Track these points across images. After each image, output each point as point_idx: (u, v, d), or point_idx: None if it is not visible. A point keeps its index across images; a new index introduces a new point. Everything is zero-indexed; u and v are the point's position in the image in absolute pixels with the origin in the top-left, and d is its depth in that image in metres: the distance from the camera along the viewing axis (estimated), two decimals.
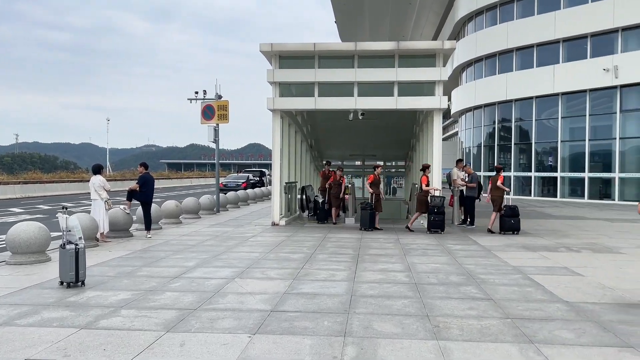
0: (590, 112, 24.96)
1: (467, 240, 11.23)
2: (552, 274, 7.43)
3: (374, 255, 9.13)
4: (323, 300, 5.91)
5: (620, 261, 8.58)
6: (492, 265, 8.19)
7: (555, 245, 10.45)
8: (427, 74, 13.63)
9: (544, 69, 26.61)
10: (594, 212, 19.04)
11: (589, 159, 25.10)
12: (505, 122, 29.81)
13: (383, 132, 20.50)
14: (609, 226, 14.05)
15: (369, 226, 12.88)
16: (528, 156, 28.45)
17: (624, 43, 23.56)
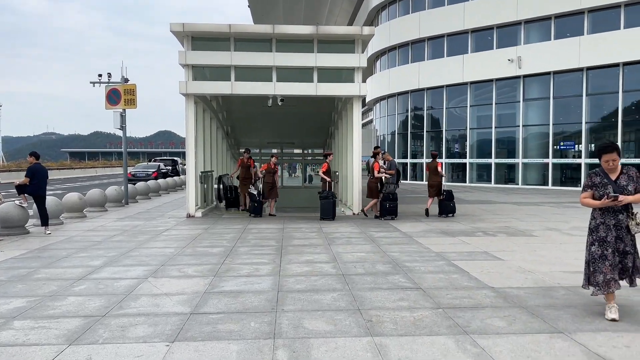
0: (497, 101, 26.26)
1: (389, 227, 11.25)
2: (474, 259, 7.52)
3: (298, 246, 8.82)
4: (248, 299, 5.50)
5: (533, 244, 8.91)
6: (416, 252, 8.17)
7: (472, 229, 10.73)
8: (346, 60, 13.47)
9: (454, 59, 27.59)
10: (501, 196, 20.04)
11: (495, 146, 26.45)
12: (418, 110, 30.67)
13: (302, 119, 20.21)
14: (518, 209, 14.77)
15: (331, 216, 12.53)
16: (439, 143, 29.49)
17: (526, 35, 24.93)
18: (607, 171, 4.80)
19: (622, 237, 4.76)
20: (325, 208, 12.59)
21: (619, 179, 4.74)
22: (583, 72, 22.81)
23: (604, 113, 22.87)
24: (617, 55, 21.48)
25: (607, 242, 4.74)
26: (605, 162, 4.75)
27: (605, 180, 4.76)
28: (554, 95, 23.95)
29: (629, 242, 4.79)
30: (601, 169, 4.85)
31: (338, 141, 17.92)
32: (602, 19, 22.35)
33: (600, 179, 4.80)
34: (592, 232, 4.88)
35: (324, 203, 12.62)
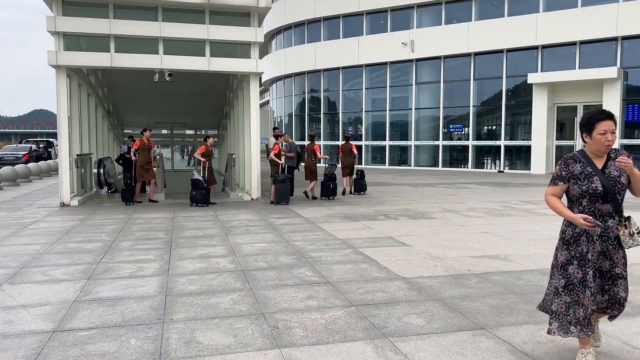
0: (391, 84, 26.65)
1: (290, 212, 10.66)
2: (381, 246, 7.16)
3: (191, 237, 7.92)
4: (129, 307, 4.60)
5: (436, 227, 8.80)
6: (320, 240, 7.65)
7: (373, 213, 10.47)
8: (241, 34, 12.55)
9: (350, 40, 27.51)
10: (396, 177, 20.34)
11: (389, 128, 26.91)
12: (315, 92, 30.35)
13: (194, 97, 18.89)
14: (415, 191, 14.91)
15: (280, 200, 11.90)
16: (336, 126, 29.46)
17: (419, 19, 25.43)
18: (595, 152, 3.27)
19: (610, 254, 3.26)
20: (283, 191, 11.85)
21: (607, 166, 3.25)
22: (471, 57, 23.77)
23: (489, 97, 24.06)
24: (501, 42, 22.57)
25: (588, 261, 3.22)
26: (602, 134, 3.20)
27: (590, 170, 3.23)
28: (444, 79, 24.75)
29: (620, 261, 3.29)
30: (581, 153, 3.32)
31: (234, 122, 16.96)
32: (489, 6, 23.36)
33: (582, 166, 3.25)
34: (569, 245, 3.29)
35: (282, 186, 11.84)
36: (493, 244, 7.33)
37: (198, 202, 11.73)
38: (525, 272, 5.72)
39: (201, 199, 11.73)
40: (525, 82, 21.94)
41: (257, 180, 13.00)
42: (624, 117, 20.10)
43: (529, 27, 21.79)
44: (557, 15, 21.18)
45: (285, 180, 12.01)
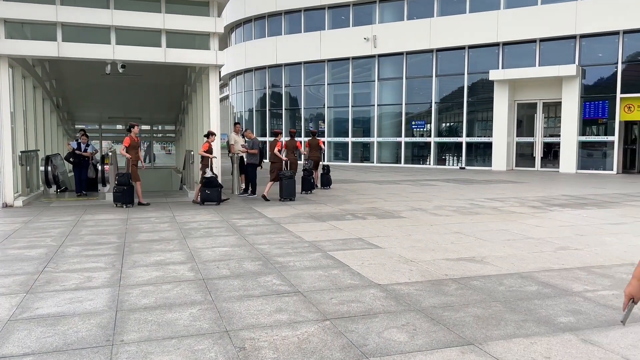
0: (353, 80, 26.37)
1: (253, 212, 10.15)
2: (351, 249, 6.77)
3: (146, 241, 7.31)
4: (73, 326, 4.03)
5: (406, 227, 8.49)
6: (286, 242, 7.20)
7: (340, 212, 10.09)
8: (200, 24, 11.92)
9: (312, 35, 27.06)
10: (360, 174, 20.07)
11: (351, 125, 26.64)
12: (276, 87, 29.76)
13: (149, 91, 18.05)
14: (380, 188, 14.63)
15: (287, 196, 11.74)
16: (298, 122, 28.98)
17: (381, 14, 25.22)
18: None
19: None
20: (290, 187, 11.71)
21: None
22: (433, 53, 23.74)
23: (451, 94, 24.11)
24: (463, 38, 22.62)
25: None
26: None
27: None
28: (406, 76, 24.65)
29: None
30: None
31: (192, 117, 16.25)
32: (451, 2, 23.36)
33: None
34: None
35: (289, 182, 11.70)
36: (467, 244, 7.06)
37: (213, 201, 11.17)
38: (505, 277, 5.44)
39: (216, 198, 11.18)
40: (487, 78, 22.07)
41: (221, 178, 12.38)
42: (582, 114, 20.47)
43: (490, 24, 21.90)
44: (517, 13, 21.37)
45: (291, 176, 11.83)
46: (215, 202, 11.19)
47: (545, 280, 5.29)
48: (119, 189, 10.79)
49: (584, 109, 20.44)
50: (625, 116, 19.73)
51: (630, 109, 19.58)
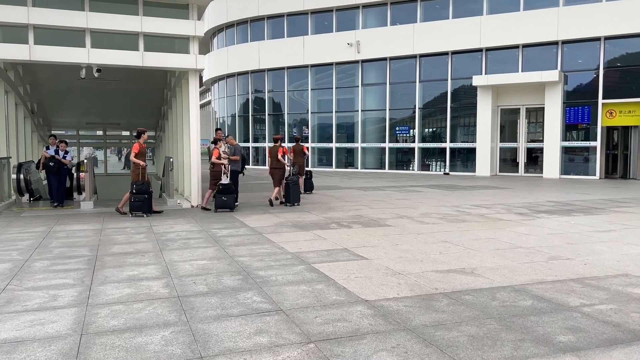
0: (337, 85, 26.16)
1: (234, 221, 9.80)
2: (336, 260, 6.48)
3: (120, 255, 6.93)
4: (31, 353, 3.66)
5: (392, 236, 8.22)
6: (268, 254, 6.87)
7: (325, 220, 9.79)
8: (179, 27, 11.56)
9: (295, 40, 26.81)
10: (344, 180, 19.81)
11: (335, 130, 26.42)
12: (259, 92, 29.43)
13: (128, 96, 17.62)
14: (364, 195, 14.38)
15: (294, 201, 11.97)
16: (281, 127, 28.68)
17: (364, 19, 25.08)
18: None
19: None
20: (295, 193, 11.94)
21: None
22: (416, 59, 23.64)
23: (435, 99, 24.03)
24: (446, 44, 22.56)
25: None
26: None
27: None
28: (390, 81, 24.52)
29: None
30: None
31: (172, 123, 15.84)
32: (434, 8, 23.32)
33: None
34: None
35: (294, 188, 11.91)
36: (456, 255, 6.81)
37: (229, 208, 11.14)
38: (497, 290, 5.19)
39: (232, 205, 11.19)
40: (470, 84, 22.03)
41: (197, 185, 12.03)
42: (564, 120, 20.51)
43: (473, 29, 21.88)
44: (500, 19, 21.38)
45: (297, 181, 12.04)
46: (231, 209, 11.15)
47: (540, 293, 5.06)
48: (138, 198, 10.37)
49: (566, 114, 20.49)
50: (607, 121, 19.81)
51: (612, 114, 19.67)
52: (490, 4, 21.84)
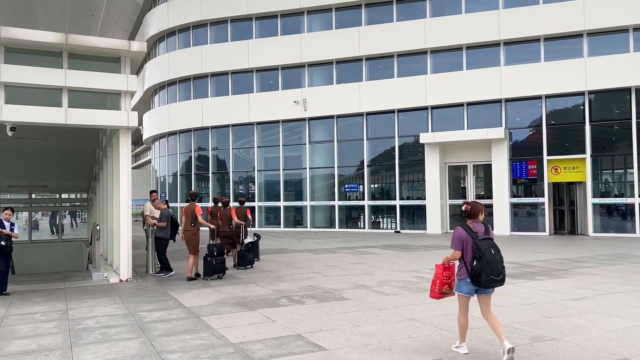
0: (284, 143, 25.51)
1: (167, 299, 8.48)
2: (289, 354, 5.37)
3: (17, 355, 5.52)
4: None
5: (352, 314, 7.20)
6: (205, 347, 5.67)
7: (273, 295, 8.66)
8: (109, 81, 10.50)
9: (240, 98, 26.19)
10: (293, 241, 18.73)
11: (283, 188, 25.54)
12: (202, 150, 28.34)
13: (56, 156, 16.11)
14: (316, 259, 13.34)
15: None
16: (227, 185, 27.52)
17: (310, 77, 24.88)
18: None
19: None
20: (247, 258, 12.04)
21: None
22: (363, 116, 23.46)
23: (383, 156, 23.74)
24: (392, 102, 22.54)
25: None
26: None
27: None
28: (338, 139, 24.14)
29: None
30: None
31: (104, 184, 14.45)
32: (378, 66, 23.45)
33: None
34: None
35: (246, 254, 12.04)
36: (427, 338, 5.87)
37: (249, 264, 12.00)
38: None
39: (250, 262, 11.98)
40: (418, 141, 21.92)
41: (127, 255, 10.63)
42: (512, 176, 20.57)
43: (418, 88, 22.02)
44: (444, 77, 21.65)
45: (250, 249, 12.25)
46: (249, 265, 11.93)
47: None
48: (218, 260, 10.51)
49: (513, 170, 20.58)
50: (553, 178, 19.99)
51: (557, 170, 19.89)
52: (434, 63, 22.15)
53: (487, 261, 5.00)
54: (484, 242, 5.11)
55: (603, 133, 20.03)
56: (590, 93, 19.42)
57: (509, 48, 20.82)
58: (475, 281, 5.09)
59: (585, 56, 19.47)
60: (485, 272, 4.99)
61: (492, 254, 5.04)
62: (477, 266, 5.04)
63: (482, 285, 5.07)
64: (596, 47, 19.44)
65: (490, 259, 5.01)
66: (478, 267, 5.03)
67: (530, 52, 20.47)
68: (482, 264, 5.00)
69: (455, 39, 21.46)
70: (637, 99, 18.78)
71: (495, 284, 5.08)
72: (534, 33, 20.13)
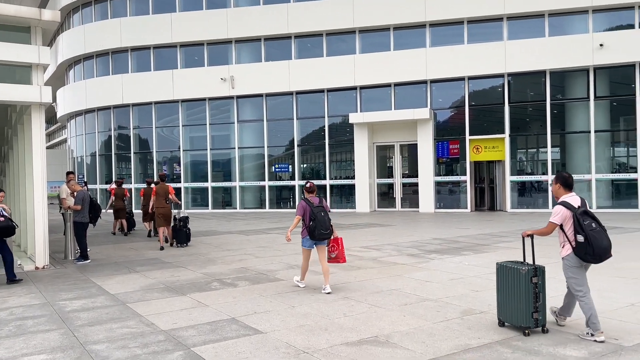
0: (211, 122, 24.79)
1: (89, 286, 7.99)
2: (224, 339, 5.21)
3: None
4: None
5: (286, 294, 7.13)
6: (134, 336, 5.38)
7: (204, 278, 8.41)
8: (18, 53, 9.60)
9: (163, 74, 25.04)
10: (222, 223, 18.35)
11: (211, 169, 24.89)
12: (123, 129, 26.95)
13: None
14: (247, 241, 13.13)
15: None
16: (149, 165, 26.43)
17: (238, 54, 24.23)
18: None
19: None
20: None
21: None
22: (293, 95, 23.24)
23: (313, 136, 23.71)
24: (322, 82, 22.47)
25: None
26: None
27: None
28: (267, 118, 23.78)
29: None
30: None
31: (14, 166, 13.34)
32: (307, 45, 23.23)
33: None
34: None
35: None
36: (362, 316, 5.91)
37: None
38: None
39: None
40: (347, 121, 22.06)
41: (43, 241, 9.90)
42: (436, 154, 21.25)
43: (347, 68, 22.05)
44: (373, 58, 21.80)
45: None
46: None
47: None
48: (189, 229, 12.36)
49: (437, 150, 21.26)
50: (474, 157, 20.87)
51: (478, 149, 20.78)
52: (363, 43, 22.25)
53: (319, 221, 6.96)
54: (316, 208, 7.06)
55: (520, 114, 21.12)
56: (509, 75, 20.33)
57: (434, 30, 21.29)
58: (312, 236, 7.07)
59: (505, 39, 20.31)
60: (317, 228, 6.97)
61: (322, 216, 7.01)
62: (312, 225, 7.02)
63: (317, 238, 7.08)
64: (515, 31, 20.32)
65: (320, 219, 6.98)
66: (313, 226, 7.00)
67: (454, 34, 21.05)
68: (315, 224, 6.97)
69: (382, 19, 21.63)
70: (552, 82, 19.91)
71: (325, 237, 7.10)
72: (458, 15, 20.69)
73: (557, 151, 20.85)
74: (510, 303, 5.14)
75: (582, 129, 19.70)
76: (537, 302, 4.95)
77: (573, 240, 4.85)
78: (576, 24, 19.89)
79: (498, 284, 5.34)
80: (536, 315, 4.98)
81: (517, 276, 5.05)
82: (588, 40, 19.09)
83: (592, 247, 4.72)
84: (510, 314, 5.18)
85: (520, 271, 5.01)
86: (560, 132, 20.31)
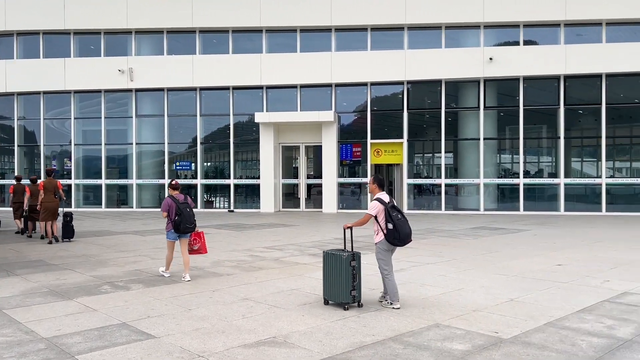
0: (107, 115, 23.39)
1: None
2: (113, 345, 4.90)
3: None
4: None
5: (183, 297, 6.88)
6: (9, 345, 4.90)
7: (94, 281, 7.89)
8: None
9: (54, 62, 23.22)
10: (117, 223, 17.38)
11: (105, 165, 23.50)
12: (6, 119, 24.64)
13: None
14: (143, 242, 12.53)
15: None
16: (36, 160, 24.40)
17: (138, 46, 23.11)
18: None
19: None
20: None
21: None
22: (197, 91, 22.61)
23: (217, 134, 23.21)
24: (228, 79, 22.07)
25: None
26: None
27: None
28: (168, 113, 22.91)
29: None
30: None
31: None
32: (213, 41, 22.72)
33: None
34: None
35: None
36: (261, 317, 5.85)
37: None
38: None
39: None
40: (253, 120, 21.87)
41: None
42: (339, 156, 21.71)
43: (254, 67, 21.86)
44: (279, 58, 21.80)
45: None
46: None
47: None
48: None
49: (341, 152, 21.73)
50: (375, 160, 21.59)
51: (379, 153, 21.53)
52: (269, 43, 22.18)
53: (184, 216, 7.66)
54: (182, 204, 7.72)
55: (417, 120, 22.21)
56: (408, 83, 21.28)
57: (340, 34, 21.72)
58: (177, 229, 7.75)
59: (406, 48, 21.23)
60: (183, 223, 7.68)
61: (188, 212, 7.73)
62: (178, 220, 7.65)
63: (182, 231, 7.82)
64: (415, 41, 21.30)
65: (186, 214, 7.70)
66: (179, 220, 7.65)
67: (358, 40, 21.63)
68: (181, 219, 7.66)
69: (290, 20, 21.71)
70: (447, 91, 21.13)
71: (190, 230, 7.84)
72: (363, 22, 21.30)
73: (451, 156, 22.15)
74: (334, 283, 6.11)
75: (473, 136, 21.11)
76: (355, 281, 6.02)
77: (385, 228, 6.07)
78: (469, 37, 21.27)
79: (325, 269, 6.26)
80: (354, 293, 6.03)
81: (339, 261, 6.06)
82: (479, 54, 20.50)
83: (399, 233, 5.97)
84: (334, 293, 6.14)
85: (342, 257, 6.03)
86: (454, 139, 21.60)
